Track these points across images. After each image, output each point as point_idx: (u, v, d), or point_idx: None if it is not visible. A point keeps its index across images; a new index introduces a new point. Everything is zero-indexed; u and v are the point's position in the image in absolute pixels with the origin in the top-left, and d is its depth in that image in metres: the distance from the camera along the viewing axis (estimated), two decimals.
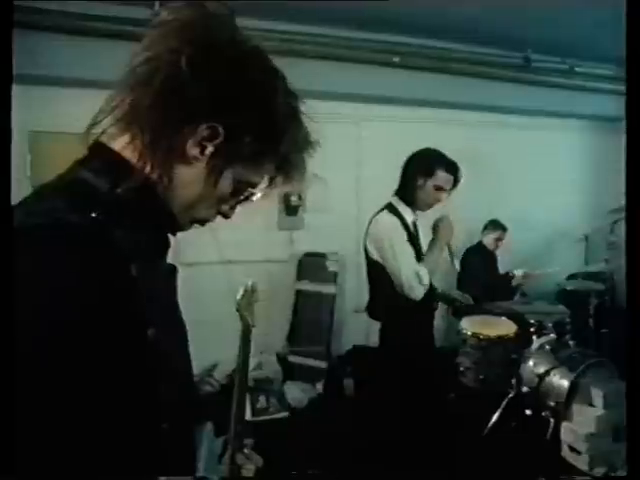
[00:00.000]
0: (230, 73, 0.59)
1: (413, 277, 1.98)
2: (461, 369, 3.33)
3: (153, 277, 0.60)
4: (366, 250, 2.19)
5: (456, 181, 2.08)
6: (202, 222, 0.70)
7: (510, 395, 2.77)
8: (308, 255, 3.91)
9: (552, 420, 2.54)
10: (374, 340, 4.02)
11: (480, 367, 3.04)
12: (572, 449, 2.43)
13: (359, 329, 4.09)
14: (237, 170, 0.64)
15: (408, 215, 2.12)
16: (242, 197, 0.68)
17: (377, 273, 2.11)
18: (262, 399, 3.22)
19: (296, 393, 3.36)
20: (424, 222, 2.24)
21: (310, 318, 3.82)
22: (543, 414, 2.57)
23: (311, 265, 3.90)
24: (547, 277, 3.66)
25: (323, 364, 3.67)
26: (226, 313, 1.02)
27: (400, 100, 3.76)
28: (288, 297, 3.87)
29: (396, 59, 3.33)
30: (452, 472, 2.34)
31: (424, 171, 2.06)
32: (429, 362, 2.27)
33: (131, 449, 0.53)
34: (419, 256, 2.11)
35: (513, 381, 2.81)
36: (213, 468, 0.77)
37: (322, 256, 3.86)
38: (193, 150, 0.60)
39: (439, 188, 2.06)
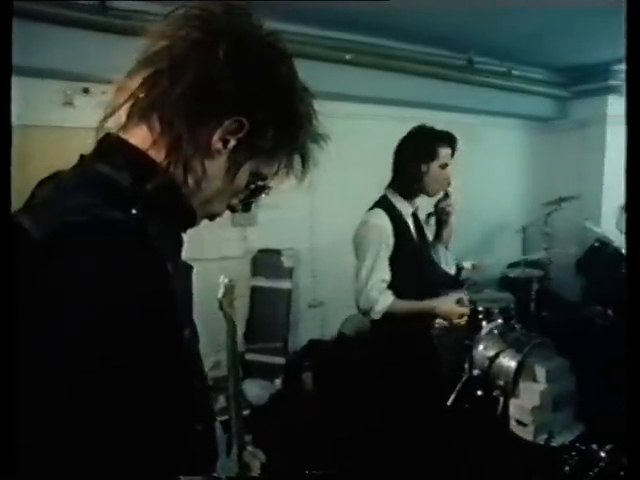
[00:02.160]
0: (261, 68, 0.60)
1: (374, 293, 1.80)
2: None
3: (179, 275, 0.59)
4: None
5: (454, 151, 1.91)
6: (212, 217, 0.69)
7: (463, 379, 2.92)
8: (262, 251, 3.89)
9: (501, 398, 2.72)
10: (329, 333, 4.10)
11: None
12: (519, 422, 2.62)
13: (314, 324, 4.13)
14: (255, 163, 0.64)
15: (406, 209, 1.91)
16: (257, 191, 0.68)
17: None
18: (222, 399, 3.16)
19: (256, 391, 3.33)
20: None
21: (266, 315, 3.80)
22: (494, 393, 2.74)
23: (266, 261, 3.88)
24: (491, 266, 3.89)
25: (281, 360, 3.67)
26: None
27: (351, 97, 3.83)
28: (243, 294, 3.83)
29: (348, 57, 3.38)
30: (415, 457, 2.43)
31: (427, 155, 1.84)
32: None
33: (167, 451, 0.52)
34: (419, 255, 1.97)
35: (466, 365, 2.96)
36: (225, 466, 0.76)
37: (277, 252, 3.85)
38: (218, 144, 0.60)
39: (444, 165, 1.87)
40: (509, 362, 2.72)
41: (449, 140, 1.89)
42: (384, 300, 1.78)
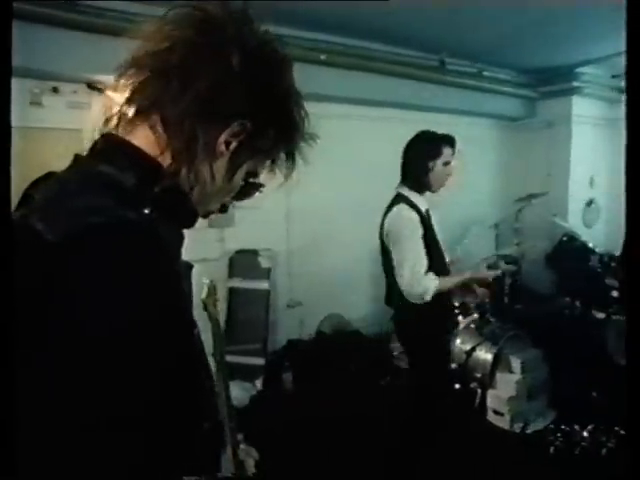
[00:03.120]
0: (268, 74, 0.61)
1: (414, 278, 1.93)
2: (395, 353, 3.52)
3: (183, 275, 0.60)
4: (382, 243, 2.18)
5: (454, 151, 2.15)
6: (206, 215, 0.70)
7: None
8: (240, 252, 3.87)
9: (479, 390, 2.79)
10: (308, 333, 4.11)
11: None
12: (496, 412, 2.71)
13: (292, 324, 4.13)
14: (253, 163, 0.66)
15: (422, 204, 2.10)
16: (251, 189, 0.69)
17: (392, 266, 2.06)
18: None
19: (237, 392, 3.30)
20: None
21: (245, 316, 3.78)
22: (471, 386, 2.82)
23: (243, 262, 3.86)
24: (465, 261, 3.98)
25: (261, 361, 3.65)
26: None
27: (325, 97, 3.85)
28: (221, 296, 3.79)
29: (323, 57, 3.40)
30: (395, 452, 2.47)
31: (432, 153, 2.08)
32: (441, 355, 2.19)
33: (177, 449, 0.53)
34: (432, 250, 2.06)
35: None
36: (223, 464, 0.76)
37: (254, 252, 3.83)
38: (222, 146, 0.61)
39: (447, 163, 2.10)
40: (485, 355, 2.81)
41: (450, 141, 2.13)
42: (433, 283, 1.94)
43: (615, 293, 3.27)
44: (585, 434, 1.02)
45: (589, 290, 3.57)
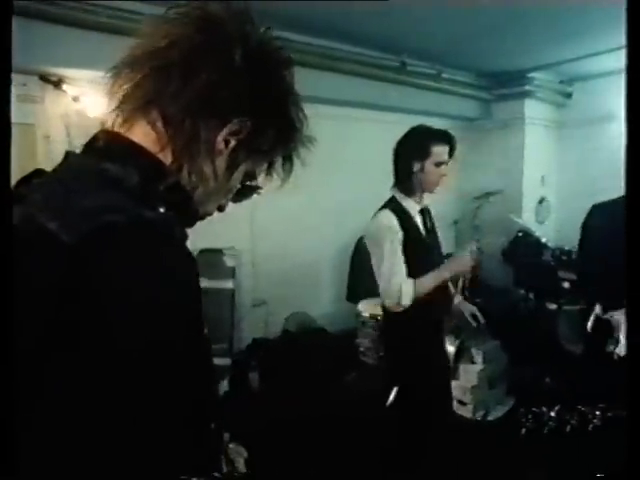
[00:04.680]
0: (269, 72, 0.61)
1: (394, 291, 1.85)
2: (361, 349, 3.57)
3: None
4: (365, 244, 2.09)
5: (452, 149, 1.96)
6: (203, 217, 0.69)
7: None
8: (204, 251, 3.80)
9: None
10: (273, 331, 4.10)
11: (379, 345, 3.30)
12: (460, 402, 2.82)
13: (257, 323, 4.11)
14: (251, 163, 0.65)
15: (413, 207, 1.97)
16: (249, 191, 0.70)
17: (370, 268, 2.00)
18: None
19: None
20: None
21: (210, 316, 3.68)
22: None
23: (207, 261, 3.79)
24: None
25: (227, 361, 3.60)
26: None
27: None
28: None
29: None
30: (368, 445, 2.51)
31: (418, 154, 1.90)
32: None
33: (187, 449, 0.52)
34: (429, 250, 2.02)
35: None
36: None
37: (219, 252, 3.78)
38: (221, 144, 0.60)
39: (439, 164, 1.91)
40: (449, 348, 2.90)
41: (444, 139, 1.93)
42: (408, 288, 1.85)
43: (567, 285, 3.48)
44: (552, 414, 1.12)
45: (542, 283, 3.77)
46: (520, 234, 4.21)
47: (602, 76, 4.49)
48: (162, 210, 0.55)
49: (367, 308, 3.45)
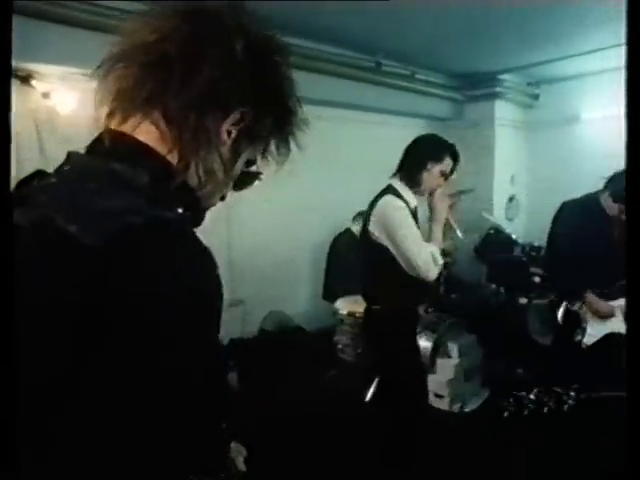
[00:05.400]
0: (269, 62, 0.61)
1: (430, 259, 1.93)
2: (340, 347, 3.60)
3: None
4: (368, 234, 2.07)
5: (455, 165, 2.12)
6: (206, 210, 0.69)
7: None
8: None
9: None
10: (250, 331, 4.08)
11: (357, 342, 3.34)
12: (437, 395, 2.89)
13: (234, 322, 4.09)
14: (252, 151, 0.65)
15: (411, 200, 2.07)
16: (250, 179, 0.69)
17: (381, 257, 2.02)
18: None
19: None
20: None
21: None
22: None
23: None
24: None
25: None
26: None
27: None
28: None
29: None
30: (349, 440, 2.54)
31: (434, 156, 2.05)
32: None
33: (197, 450, 0.53)
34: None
35: None
36: None
37: None
38: (224, 135, 0.60)
39: (443, 173, 2.07)
40: (425, 343, 2.97)
41: (455, 154, 2.11)
42: (436, 252, 1.97)
43: (537, 279, 3.61)
44: (532, 396, 1.21)
45: (513, 278, 3.90)
46: (492, 231, 4.33)
47: (567, 79, 4.68)
48: (180, 211, 0.55)
49: (345, 306, 3.48)
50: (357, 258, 2.37)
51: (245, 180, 0.69)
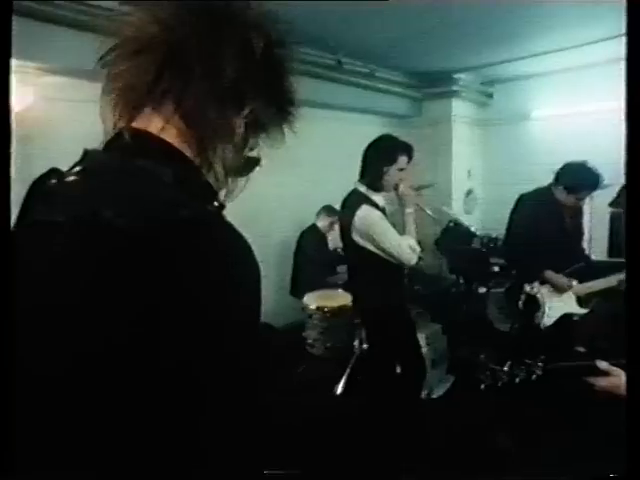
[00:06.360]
0: (280, 57, 0.63)
1: (409, 251, 2.22)
2: (309, 341, 3.64)
3: None
4: (352, 241, 2.30)
5: (410, 158, 2.32)
6: None
7: (356, 355, 3.18)
8: None
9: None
10: None
11: (326, 336, 3.39)
12: None
13: None
14: (255, 140, 0.67)
15: (380, 201, 2.31)
16: (251, 165, 0.70)
17: (365, 257, 2.28)
18: None
19: None
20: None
21: None
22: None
23: None
24: None
25: None
26: None
27: None
28: None
29: None
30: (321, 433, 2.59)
31: (387, 159, 2.25)
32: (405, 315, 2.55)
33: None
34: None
35: (356, 343, 3.23)
36: None
37: None
38: (239, 128, 0.62)
39: (401, 169, 2.28)
40: None
41: (407, 149, 2.32)
42: (413, 242, 2.27)
43: (496, 269, 3.79)
44: (506, 368, 1.34)
45: (473, 268, 4.08)
46: (451, 224, 4.49)
47: (519, 79, 4.93)
48: (216, 204, 0.57)
49: (312, 301, 3.52)
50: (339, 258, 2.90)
51: (247, 168, 0.70)
